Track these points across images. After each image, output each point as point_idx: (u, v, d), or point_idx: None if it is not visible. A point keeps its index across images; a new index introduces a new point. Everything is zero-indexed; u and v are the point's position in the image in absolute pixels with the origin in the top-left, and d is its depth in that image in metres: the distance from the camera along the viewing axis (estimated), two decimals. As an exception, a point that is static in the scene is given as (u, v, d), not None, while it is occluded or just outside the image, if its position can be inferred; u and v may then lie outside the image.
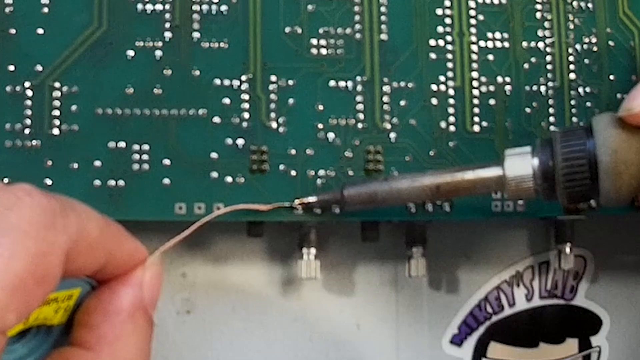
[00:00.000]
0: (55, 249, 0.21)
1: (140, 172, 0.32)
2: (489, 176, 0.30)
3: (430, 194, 0.30)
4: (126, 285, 0.26)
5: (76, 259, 0.23)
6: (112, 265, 0.25)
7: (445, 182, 0.30)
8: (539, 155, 0.29)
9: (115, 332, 0.25)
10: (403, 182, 0.31)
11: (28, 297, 0.21)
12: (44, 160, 0.31)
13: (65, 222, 0.22)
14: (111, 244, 0.24)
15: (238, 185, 0.32)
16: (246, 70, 0.33)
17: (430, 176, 0.30)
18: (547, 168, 0.29)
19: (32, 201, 0.21)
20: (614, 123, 0.28)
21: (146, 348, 0.25)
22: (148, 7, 0.33)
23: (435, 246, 0.36)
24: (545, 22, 0.35)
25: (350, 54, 0.34)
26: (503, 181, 0.30)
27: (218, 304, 0.36)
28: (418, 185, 0.30)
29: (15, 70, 0.32)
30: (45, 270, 0.21)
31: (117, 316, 0.25)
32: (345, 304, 0.37)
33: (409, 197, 0.31)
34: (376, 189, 0.31)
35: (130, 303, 0.25)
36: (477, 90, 0.34)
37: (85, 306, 0.25)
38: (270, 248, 0.36)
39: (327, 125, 0.33)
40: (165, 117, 0.32)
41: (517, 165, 0.29)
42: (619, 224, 0.38)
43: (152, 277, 0.26)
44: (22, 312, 0.21)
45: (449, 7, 0.35)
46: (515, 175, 0.29)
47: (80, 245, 0.23)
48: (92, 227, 0.23)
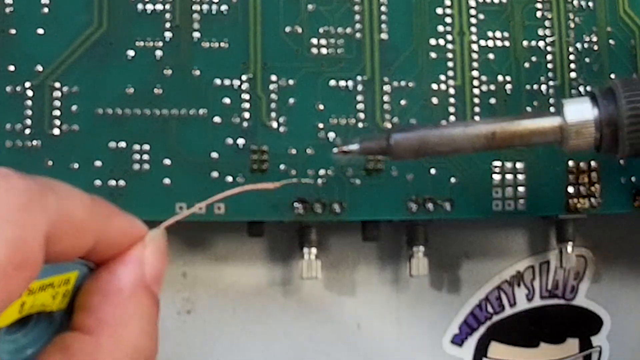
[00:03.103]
0: (34, 232, 0.20)
1: (140, 172, 0.32)
2: (548, 124, 0.28)
3: (485, 142, 0.28)
4: (124, 263, 0.24)
5: (60, 241, 0.21)
6: (104, 244, 0.23)
7: (502, 128, 0.28)
8: (602, 103, 0.28)
9: (115, 314, 0.23)
10: (457, 129, 0.28)
11: (8, 284, 0.20)
12: (44, 161, 0.31)
13: (44, 203, 0.21)
14: (99, 223, 0.23)
15: (238, 185, 0.32)
16: (246, 70, 0.33)
17: (485, 123, 0.29)
18: (610, 114, 0.28)
19: (7, 184, 0.20)
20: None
21: (151, 329, 0.24)
22: (148, 7, 0.33)
23: (436, 246, 0.36)
24: (546, 21, 0.35)
25: (350, 54, 0.34)
26: (564, 129, 0.28)
27: (218, 304, 0.36)
28: (473, 132, 0.28)
29: (15, 70, 0.32)
30: (24, 255, 0.20)
31: (117, 297, 0.24)
32: (346, 304, 0.37)
33: (462, 144, 0.28)
34: (427, 135, 0.28)
35: (130, 282, 0.24)
36: (477, 90, 0.34)
37: (84, 289, 0.24)
38: (270, 248, 0.36)
39: (328, 125, 0.33)
40: (165, 117, 0.32)
41: (578, 111, 0.28)
42: (619, 224, 0.38)
43: (153, 252, 0.24)
44: (4, 300, 0.20)
45: (449, 6, 0.35)
46: (577, 120, 0.28)
47: (63, 226, 0.21)
48: (75, 206, 0.22)
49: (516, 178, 0.34)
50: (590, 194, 0.34)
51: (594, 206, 0.34)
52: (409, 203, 0.33)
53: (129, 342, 0.23)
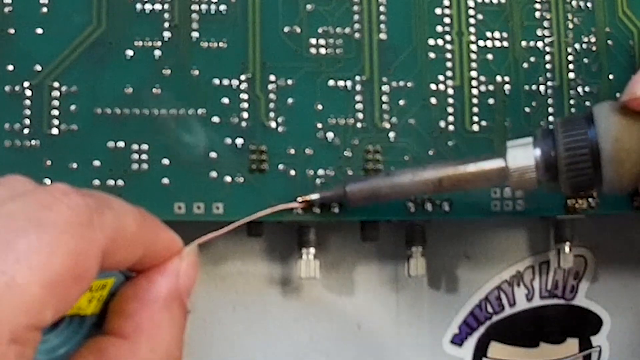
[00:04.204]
0: (93, 247, 0.22)
1: (139, 171, 0.32)
2: (492, 168, 0.30)
3: (432, 188, 0.30)
4: (163, 274, 0.26)
5: (114, 255, 0.23)
6: (149, 256, 0.25)
7: (447, 175, 0.30)
8: (541, 146, 0.29)
9: (151, 321, 0.25)
10: (405, 177, 0.30)
11: (66, 295, 0.21)
12: (43, 160, 0.31)
13: (102, 220, 0.22)
14: (148, 237, 0.25)
15: (237, 185, 0.32)
16: (245, 70, 0.33)
17: (432, 170, 0.30)
18: (549, 158, 0.29)
19: (69, 201, 0.22)
20: (615, 111, 0.28)
21: (181, 337, 0.25)
22: (147, 7, 0.33)
23: (435, 246, 0.36)
24: (545, 22, 0.35)
25: (349, 54, 0.34)
26: (506, 173, 0.30)
27: (218, 304, 0.36)
28: (420, 180, 0.30)
29: (14, 70, 0.32)
30: (83, 268, 0.21)
31: (154, 304, 0.25)
32: (345, 304, 0.37)
33: (411, 191, 0.31)
34: (379, 185, 0.31)
35: (167, 292, 0.25)
36: (476, 90, 0.34)
37: (122, 295, 0.25)
38: (270, 248, 0.36)
39: (327, 125, 0.33)
40: (164, 116, 0.32)
41: (520, 157, 0.29)
42: (619, 224, 0.38)
43: (188, 266, 0.26)
44: (59, 310, 0.21)
45: (448, 6, 0.35)
46: (517, 166, 0.29)
47: (118, 241, 0.23)
48: (129, 222, 0.23)
49: (515, 178, 0.34)
50: (589, 194, 0.34)
51: (592, 207, 0.34)
52: (407, 203, 0.33)
53: (162, 348, 0.25)
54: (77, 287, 0.21)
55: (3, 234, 0.21)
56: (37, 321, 0.20)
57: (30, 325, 0.20)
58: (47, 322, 0.21)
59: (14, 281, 0.20)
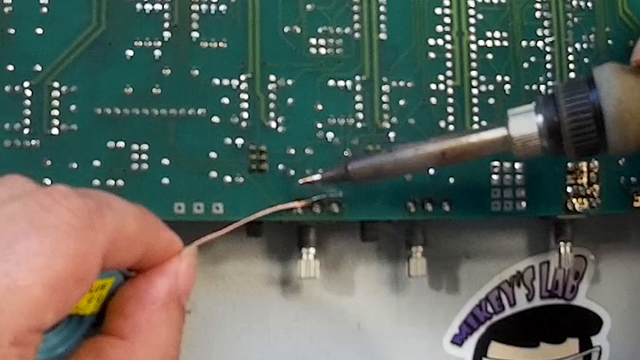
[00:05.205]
0: (94, 249, 0.22)
1: (139, 171, 0.32)
2: (495, 137, 0.29)
3: (436, 161, 0.30)
4: (162, 274, 0.26)
5: (115, 256, 0.23)
6: (149, 256, 0.25)
7: (451, 147, 0.30)
8: (543, 112, 0.29)
9: (150, 321, 0.25)
10: (408, 152, 0.30)
11: (67, 297, 0.21)
12: (43, 160, 0.31)
13: (102, 221, 0.22)
14: (149, 236, 0.25)
15: (237, 185, 0.32)
16: (245, 70, 0.33)
17: (434, 143, 0.30)
18: (552, 124, 0.29)
19: (69, 203, 0.22)
20: (617, 73, 0.28)
21: (178, 338, 0.25)
22: (147, 7, 0.33)
23: (436, 246, 0.36)
24: (545, 21, 0.35)
25: (349, 54, 0.34)
26: (509, 141, 0.29)
27: (218, 303, 0.36)
28: (423, 154, 0.30)
29: (14, 70, 0.32)
30: (84, 270, 0.21)
31: (153, 305, 0.25)
32: (345, 304, 0.37)
33: (415, 166, 0.30)
34: (381, 161, 0.30)
35: (166, 292, 0.25)
36: (476, 90, 0.34)
37: (120, 295, 0.25)
38: (269, 248, 0.36)
39: (326, 125, 0.33)
40: (164, 116, 0.32)
41: (522, 124, 0.29)
42: (619, 224, 0.38)
43: (187, 267, 0.26)
44: (61, 311, 0.21)
45: (448, 6, 0.35)
46: (521, 134, 0.29)
47: (119, 242, 0.23)
48: (129, 222, 0.23)
49: (515, 178, 0.34)
50: (589, 194, 0.34)
51: (593, 207, 0.34)
52: (407, 203, 0.33)
53: (159, 349, 0.25)
54: (79, 289, 0.21)
55: (4, 236, 0.21)
56: (38, 323, 0.20)
57: (31, 327, 0.20)
58: (48, 324, 0.21)
59: (16, 283, 0.20)
